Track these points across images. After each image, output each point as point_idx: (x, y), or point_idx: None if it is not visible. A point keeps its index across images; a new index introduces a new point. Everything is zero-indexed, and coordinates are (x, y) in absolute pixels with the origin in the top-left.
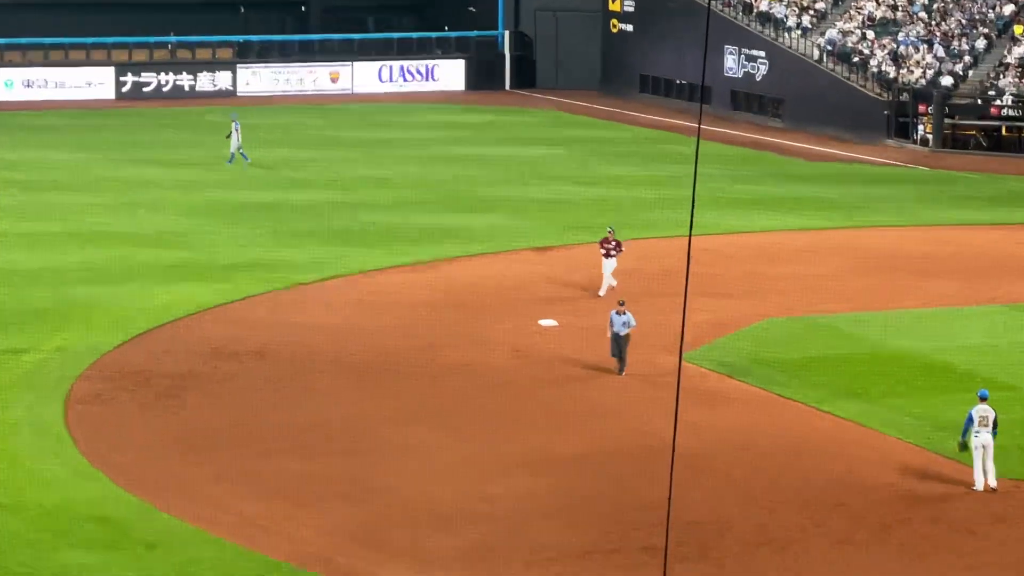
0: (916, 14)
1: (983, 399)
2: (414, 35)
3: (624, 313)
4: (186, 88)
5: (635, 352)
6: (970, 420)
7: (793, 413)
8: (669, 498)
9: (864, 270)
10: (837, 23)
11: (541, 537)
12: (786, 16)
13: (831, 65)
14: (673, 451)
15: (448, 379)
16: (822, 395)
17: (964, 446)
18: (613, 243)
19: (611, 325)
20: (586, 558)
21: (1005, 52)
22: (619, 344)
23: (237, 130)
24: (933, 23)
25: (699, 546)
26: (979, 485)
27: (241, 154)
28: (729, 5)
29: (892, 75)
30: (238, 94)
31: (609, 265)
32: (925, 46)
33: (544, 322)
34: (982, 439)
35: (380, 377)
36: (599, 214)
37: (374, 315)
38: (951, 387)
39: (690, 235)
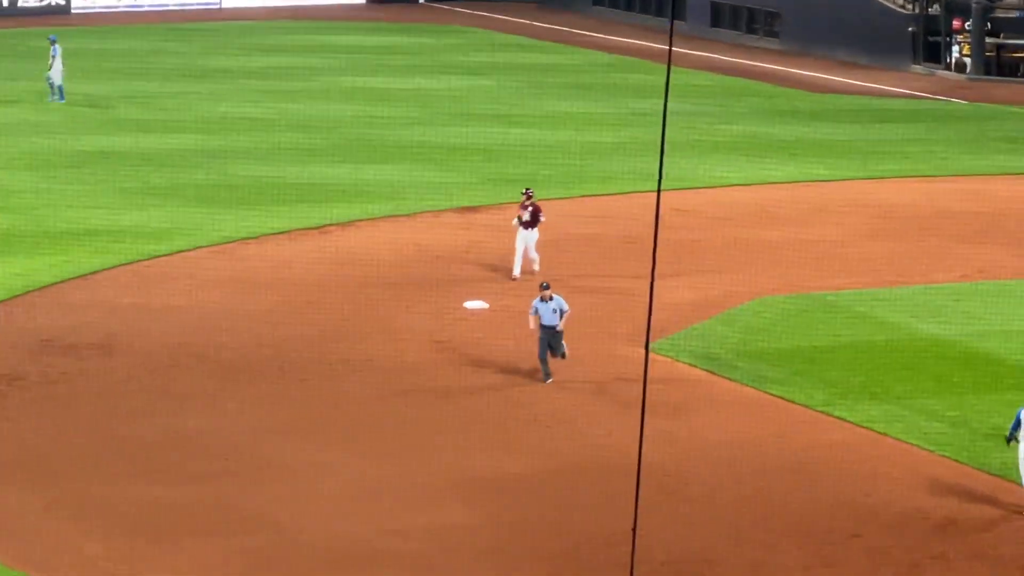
0: None
1: None
2: None
3: (551, 298)
4: (4, 4)
5: (592, 342)
6: (1018, 423)
7: (793, 419)
8: (634, 531)
9: (885, 234)
10: None
11: None
12: None
13: None
14: (639, 470)
15: (349, 380)
16: (831, 396)
17: (1013, 441)
18: (530, 207)
19: (537, 317)
20: None
21: None
22: (550, 341)
23: (56, 56)
24: None
25: None
26: None
27: (57, 87)
28: None
29: None
30: (72, 11)
31: (528, 238)
32: None
33: (471, 304)
34: None
35: (260, 377)
36: (541, 163)
37: (251, 296)
38: (996, 384)
39: (659, 190)
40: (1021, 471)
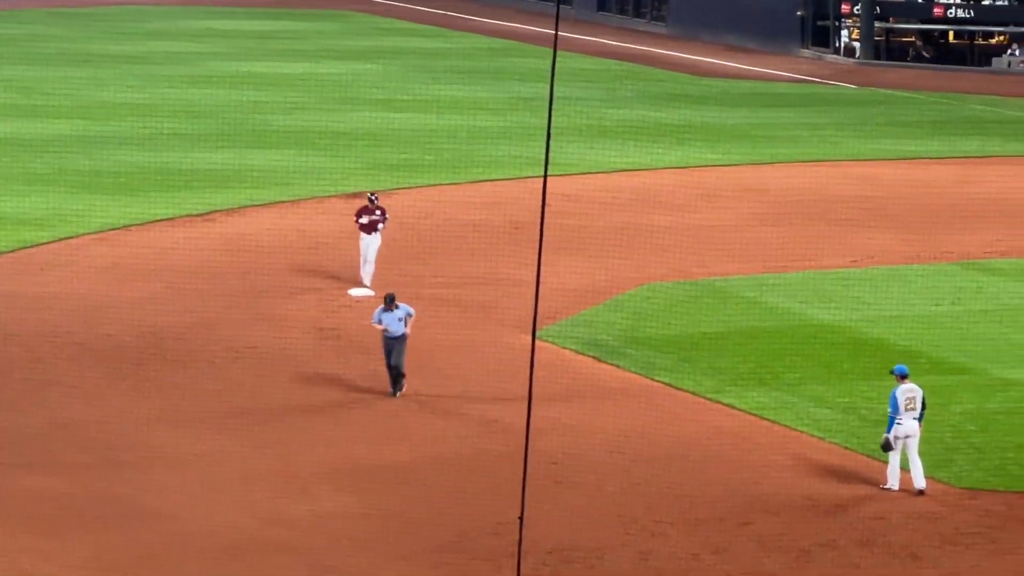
0: None
1: (903, 377)
2: None
3: (397, 307)
4: None
5: (479, 329)
6: (895, 405)
7: (683, 407)
8: (521, 520)
9: (774, 219)
10: None
11: (358, 572)
12: None
13: None
14: (526, 458)
15: (232, 368)
16: (720, 383)
17: (890, 445)
18: (378, 212)
19: (382, 328)
20: None
21: None
22: (393, 349)
23: None
24: None
25: None
26: (893, 483)
27: None
28: None
29: None
30: None
31: (371, 243)
32: None
33: (356, 291)
34: (906, 427)
35: (143, 366)
36: (426, 149)
37: (133, 284)
38: (886, 370)
39: (545, 176)
40: (909, 457)
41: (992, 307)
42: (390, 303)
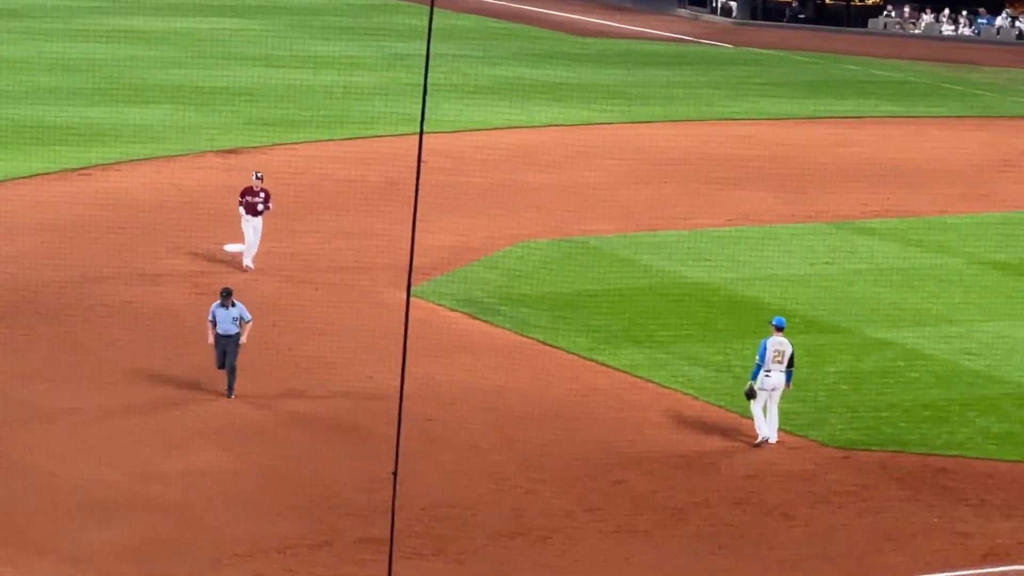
0: None
1: (779, 329)
2: None
3: (233, 305)
4: None
5: (353, 287)
6: (763, 355)
7: (556, 365)
8: (395, 476)
9: (649, 178)
10: None
11: (230, 528)
12: None
13: None
14: (400, 415)
15: (106, 324)
16: (594, 341)
17: (753, 392)
18: (262, 194)
19: (213, 324)
20: (288, 554)
21: None
22: (226, 349)
23: None
24: None
25: (435, 538)
26: (764, 435)
27: None
28: None
29: None
30: None
31: (253, 226)
32: None
33: (232, 247)
34: (773, 379)
35: (17, 321)
36: (303, 106)
37: (9, 239)
38: (760, 329)
39: (421, 133)
40: (757, 400)
41: (866, 267)
42: (226, 298)
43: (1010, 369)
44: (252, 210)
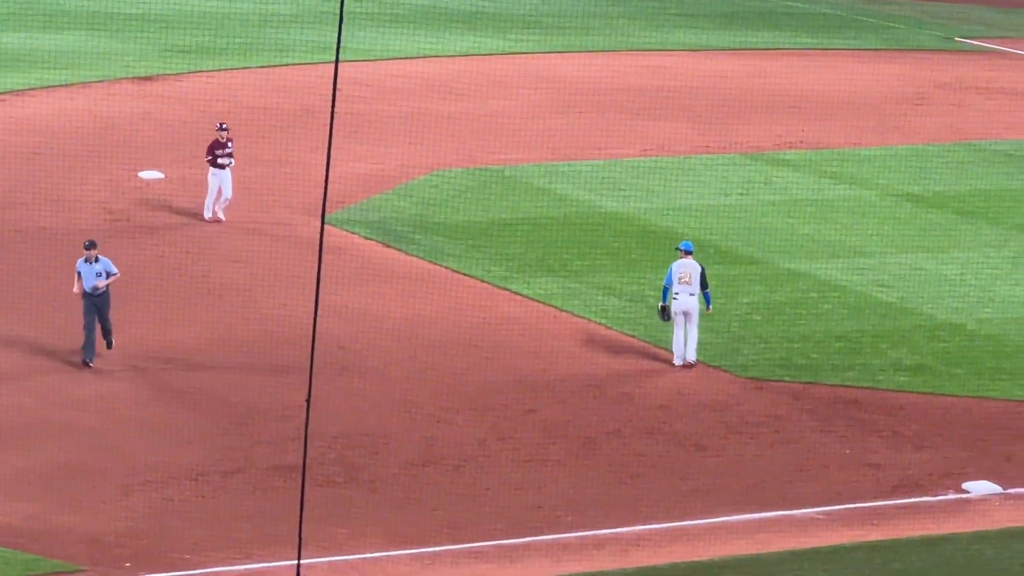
0: None
1: (687, 252)
2: None
3: (96, 259)
4: None
5: (268, 214)
6: (669, 277)
7: (470, 294)
8: (308, 404)
9: (564, 107)
10: None
11: (142, 455)
12: None
13: None
14: (313, 343)
15: (20, 249)
16: (508, 271)
17: (665, 313)
18: (230, 144)
19: (79, 280)
20: (200, 480)
21: None
22: (97, 308)
23: None
24: None
25: (347, 466)
26: (678, 360)
27: None
28: None
29: None
30: None
31: (222, 179)
32: None
33: (146, 174)
34: (682, 302)
35: None
36: (218, 33)
37: None
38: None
39: (336, 62)
40: (675, 325)
41: (780, 199)
42: (89, 249)
43: (922, 301)
44: (222, 164)
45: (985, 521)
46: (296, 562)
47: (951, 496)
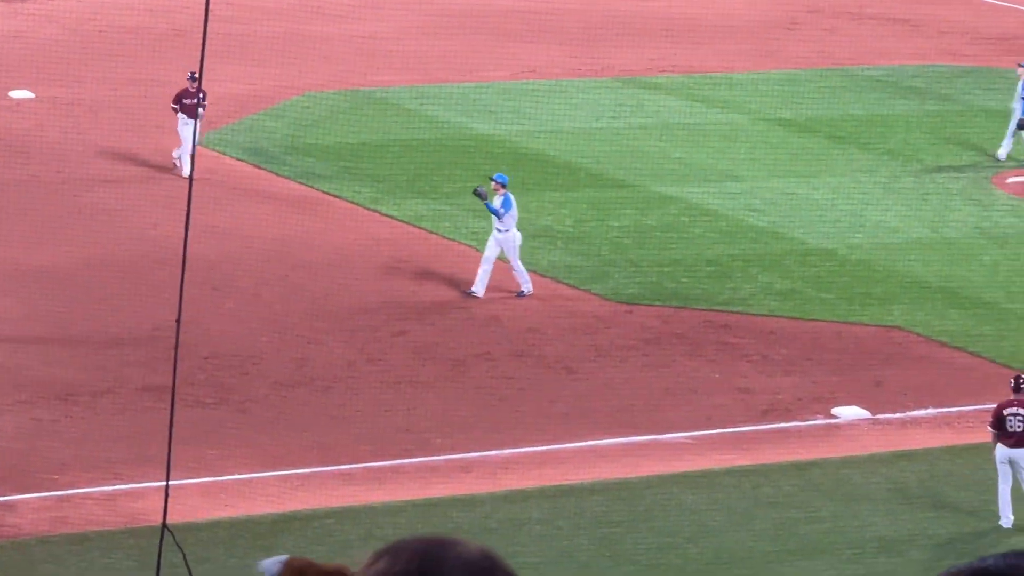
0: None
1: (503, 185)
2: None
3: None
4: None
5: (137, 135)
6: (495, 208)
7: (341, 215)
8: (178, 325)
9: (435, 30)
10: None
11: (11, 375)
12: None
13: None
14: (184, 263)
15: None
16: (379, 192)
17: (484, 195)
18: (201, 95)
19: None
20: (69, 401)
21: None
22: None
23: None
24: None
25: (217, 387)
26: (478, 290)
27: None
28: None
29: None
30: None
31: (192, 129)
32: None
33: (16, 94)
34: (511, 234)
35: None
36: None
37: None
38: (545, 183)
39: None
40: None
41: (652, 123)
42: None
43: (793, 226)
44: (192, 112)
45: (854, 446)
46: (165, 483)
47: (820, 421)
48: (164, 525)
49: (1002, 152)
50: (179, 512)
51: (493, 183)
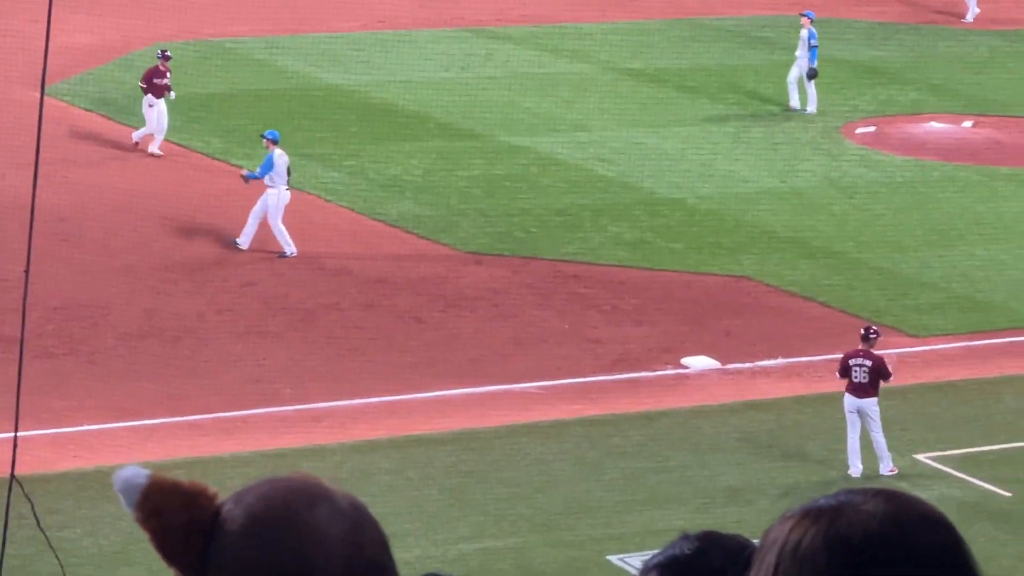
0: None
1: (275, 142)
2: None
3: None
4: None
5: None
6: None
7: (191, 166)
8: (26, 275)
9: None
10: None
11: None
12: None
13: None
14: (32, 213)
15: None
16: (228, 143)
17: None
18: (168, 73)
19: None
20: None
21: None
22: None
23: None
24: None
25: (66, 338)
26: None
27: None
28: None
29: None
30: None
31: (159, 110)
32: None
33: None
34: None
35: None
36: None
37: None
38: (394, 134)
39: None
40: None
41: (501, 73)
42: None
43: (642, 176)
44: (160, 92)
45: (703, 396)
46: (13, 434)
47: (670, 371)
48: (12, 476)
49: (811, 107)
50: (28, 463)
51: (264, 140)
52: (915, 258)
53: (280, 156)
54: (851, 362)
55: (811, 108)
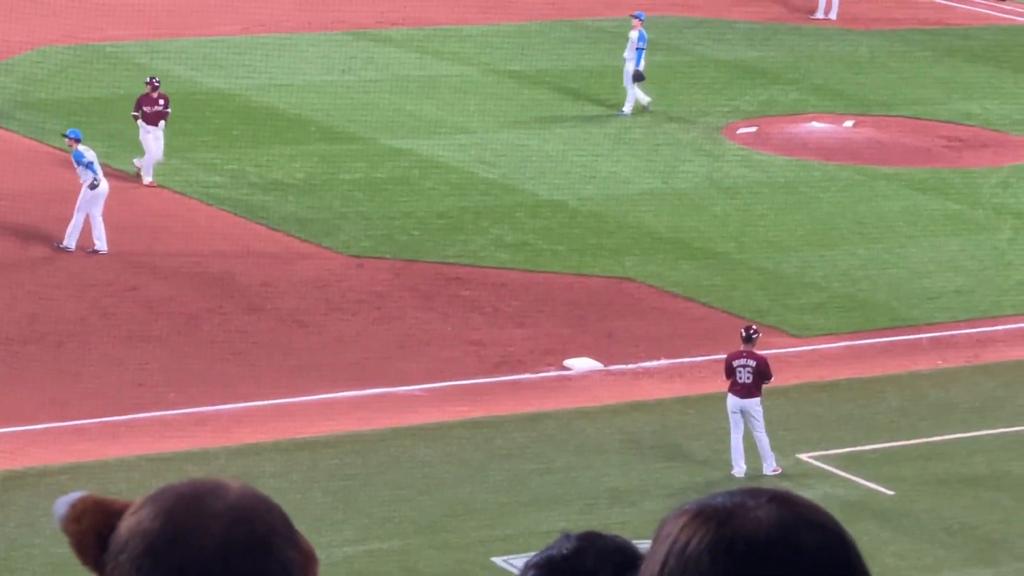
0: None
1: (77, 140)
2: None
3: None
4: None
5: None
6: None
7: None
8: None
9: None
10: None
11: None
12: None
13: None
14: None
15: None
16: (111, 148)
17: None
18: (161, 102)
19: None
20: None
21: None
22: None
23: None
24: None
25: None
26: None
27: None
28: None
29: None
30: None
31: (155, 136)
32: None
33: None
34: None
35: None
36: None
37: None
38: (276, 137)
39: None
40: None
41: (383, 76)
42: None
43: (524, 178)
44: (153, 120)
45: (587, 397)
46: None
47: (552, 373)
48: None
49: (627, 108)
50: None
51: (67, 139)
52: (796, 258)
53: (87, 151)
54: (735, 363)
55: (627, 109)
